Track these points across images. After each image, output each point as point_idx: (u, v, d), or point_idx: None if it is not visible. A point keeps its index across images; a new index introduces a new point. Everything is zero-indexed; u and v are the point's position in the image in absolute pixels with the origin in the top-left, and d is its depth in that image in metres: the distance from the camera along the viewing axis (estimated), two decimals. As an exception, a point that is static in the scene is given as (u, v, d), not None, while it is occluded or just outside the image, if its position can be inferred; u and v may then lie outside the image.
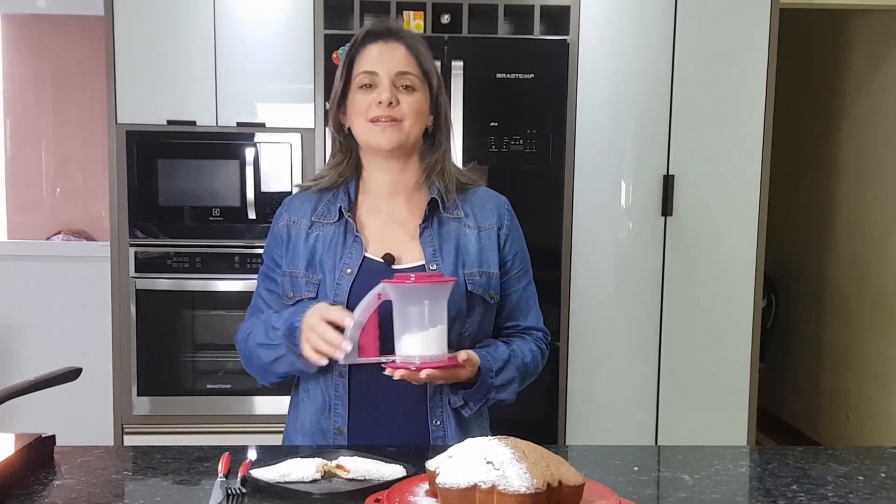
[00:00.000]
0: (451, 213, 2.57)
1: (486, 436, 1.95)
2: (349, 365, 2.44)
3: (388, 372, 2.22)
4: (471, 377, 2.37)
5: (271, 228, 2.65)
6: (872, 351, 6.33)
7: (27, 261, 6.19)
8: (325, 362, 2.32)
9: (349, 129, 2.58)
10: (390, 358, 2.23)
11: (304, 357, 2.35)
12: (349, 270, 2.46)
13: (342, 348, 2.26)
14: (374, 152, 2.55)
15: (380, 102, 2.44)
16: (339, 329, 2.27)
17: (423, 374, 2.20)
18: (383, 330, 2.28)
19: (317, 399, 2.53)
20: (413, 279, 2.20)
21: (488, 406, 2.54)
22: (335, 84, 2.59)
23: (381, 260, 2.49)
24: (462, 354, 2.28)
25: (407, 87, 2.49)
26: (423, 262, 2.48)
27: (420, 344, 2.20)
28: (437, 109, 2.60)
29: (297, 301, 2.51)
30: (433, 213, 2.55)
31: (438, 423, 2.50)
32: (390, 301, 2.24)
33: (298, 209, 2.61)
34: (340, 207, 2.55)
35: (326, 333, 2.27)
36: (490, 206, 2.64)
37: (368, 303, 2.20)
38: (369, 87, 2.49)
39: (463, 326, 2.48)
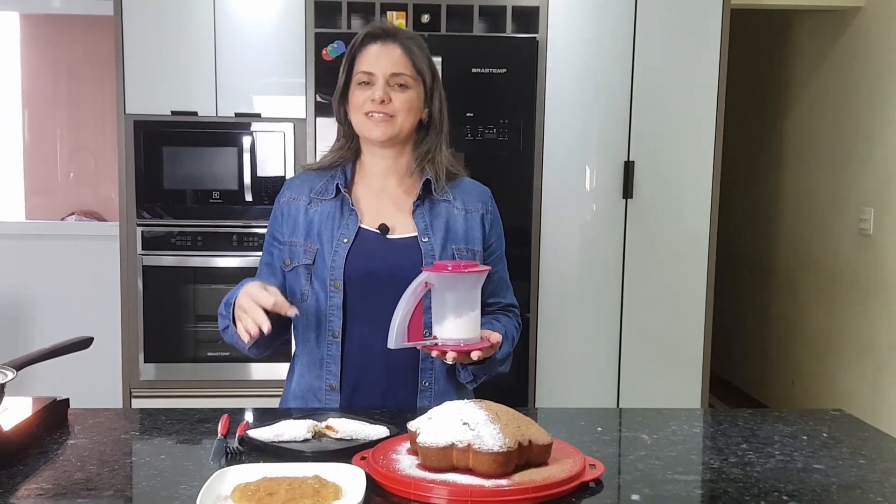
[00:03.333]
0: (442, 196, 2.59)
1: (468, 396, 1.96)
2: (342, 325, 2.48)
3: (435, 354, 2.23)
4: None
5: (274, 207, 2.67)
6: (815, 322, 6.35)
7: (43, 240, 6.17)
8: (247, 339, 2.27)
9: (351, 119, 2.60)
10: (433, 340, 2.21)
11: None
12: (346, 240, 2.48)
13: (263, 328, 2.21)
14: (370, 142, 2.57)
15: (373, 100, 2.47)
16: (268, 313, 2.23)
17: (474, 355, 2.20)
18: (383, 316, 2.23)
19: (312, 358, 2.55)
20: (450, 269, 2.18)
21: (485, 379, 2.54)
22: (339, 78, 2.60)
23: (377, 230, 2.51)
24: (494, 337, 2.28)
25: (400, 85, 2.50)
26: (415, 234, 2.51)
27: (460, 328, 2.18)
28: (432, 103, 2.62)
29: (293, 268, 2.54)
30: (426, 193, 2.58)
31: (427, 384, 2.53)
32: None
33: (298, 187, 2.63)
34: (338, 184, 2.57)
35: (256, 315, 2.21)
36: (475, 195, 2.68)
37: (416, 290, 2.16)
38: (367, 84, 2.50)
39: None
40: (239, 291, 2.33)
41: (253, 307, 2.22)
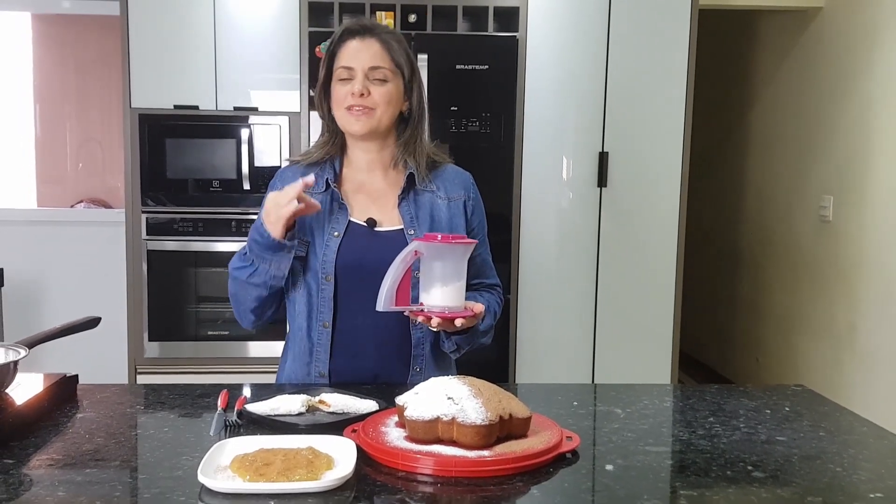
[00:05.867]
0: (425, 186, 2.55)
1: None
2: (332, 317, 2.46)
3: (420, 320, 2.20)
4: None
5: (266, 195, 2.58)
6: (778, 303, 6.37)
7: (54, 226, 6.16)
8: (292, 207, 2.25)
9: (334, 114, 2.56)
10: (419, 307, 2.19)
11: (275, 238, 2.30)
12: (336, 233, 2.45)
13: (302, 184, 2.25)
14: (352, 136, 2.53)
15: (353, 93, 2.42)
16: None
17: (458, 322, 2.20)
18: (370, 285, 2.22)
19: (302, 346, 2.52)
20: (439, 239, 2.16)
21: (468, 349, 2.51)
22: (319, 75, 2.55)
23: (365, 223, 2.48)
24: (477, 307, 2.27)
25: (379, 79, 2.45)
26: (401, 227, 2.48)
27: (446, 296, 2.17)
28: (411, 96, 2.57)
29: None
30: (409, 185, 2.54)
31: (419, 369, 2.51)
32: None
33: (290, 179, 2.50)
34: (327, 179, 2.53)
35: (280, 197, 2.25)
36: (458, 182, 2.63)
37: (405, 258, 2.14)
38: (347, 79, 2.45)
39: None
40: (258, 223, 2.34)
41: (285, 198, 2.26)
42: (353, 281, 2.45)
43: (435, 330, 2.28)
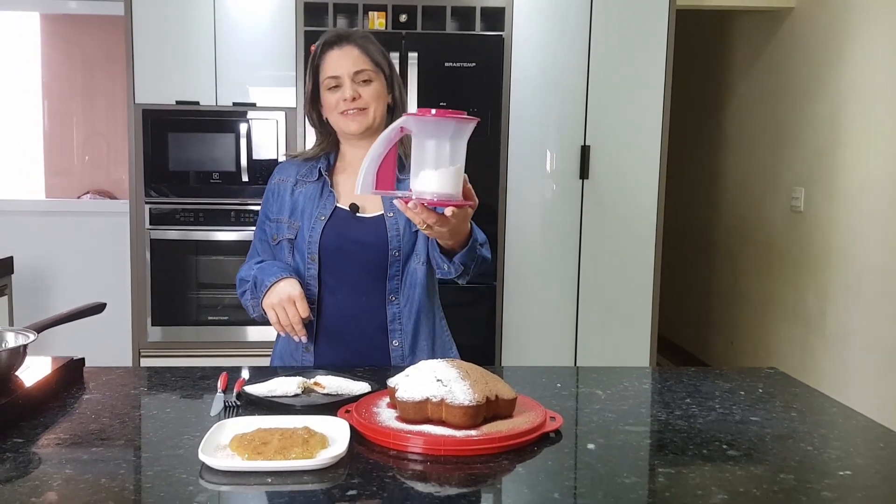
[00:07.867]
0: (407, 175, 2.55)
1: (431, 357, 1.96)
2: (316, 299, 2.53)
3: (398, 204, 1.97)
4: (460, 242, 2.28)
5: (266, 188, 2.72)
6: (752, 289, 6.38)
7: (61, 216, 6.14)
8: (283, 334, 2.47)
9: (326, 119, 2.63)
10: (406, 193, 1.91)
11: (263, 309, 2.48)
12: (322, 217, 2.53)
13: (298, 335, 2.42)
14: (348, 136, 2.60)
15: (345, 99, 2.50)
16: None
17: (448, 211, 1.95)
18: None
19: None
20: (434, 113, 1.84)
21: (473, 266, 2.39)
22: (306, 85, 2.64)
23: (348, 208, 2.55)
24: (471, 192, 2.06)
25: (364, 80, 2.53)
26: (381, 212, 2.54)
27: (437, 181, 1.87)
28: (393, 89, 2.64)
29: (279, 242, 2.61)
30: None
31: (397, 343, 2.54)
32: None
33: (287, 170, 2.69)
34: (320, 169, 2.62)
35: (292, 317, 2.39)
36: None
37: (389, 135, 1.90)
38: (336, 87, 2.53)
39: (421, 265, 2.53)
40: (273, 283, 2.43)
41: (291, 314, 2.40)
42: (335, 260, 2.53)
43: (422, 224, 2.06)
